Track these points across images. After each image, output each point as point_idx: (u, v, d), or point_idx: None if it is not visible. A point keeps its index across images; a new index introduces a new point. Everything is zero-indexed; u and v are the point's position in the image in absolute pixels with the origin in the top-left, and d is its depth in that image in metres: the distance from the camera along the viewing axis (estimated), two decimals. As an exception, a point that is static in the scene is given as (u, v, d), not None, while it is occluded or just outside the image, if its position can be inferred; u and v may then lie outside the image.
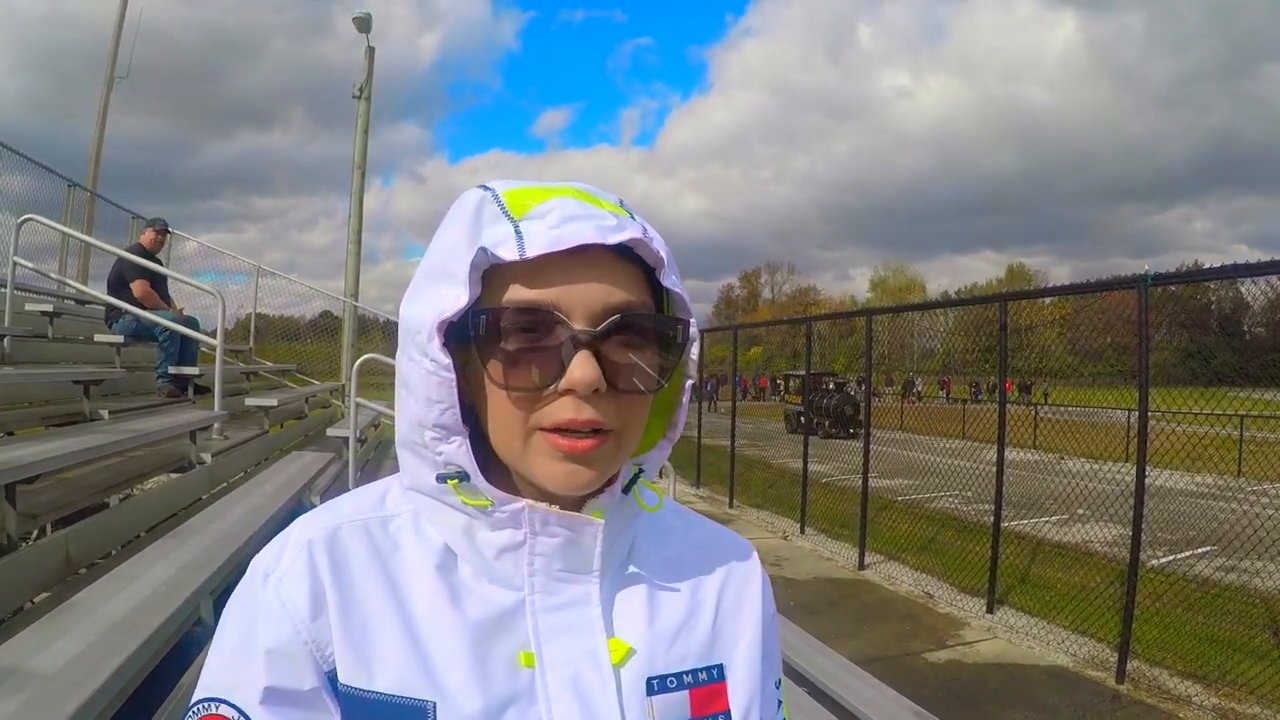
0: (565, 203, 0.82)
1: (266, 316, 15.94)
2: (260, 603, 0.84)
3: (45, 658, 2.39)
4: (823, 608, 8.39)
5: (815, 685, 4.72)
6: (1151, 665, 7.36)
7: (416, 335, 0.83)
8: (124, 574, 3.38)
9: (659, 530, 1.03)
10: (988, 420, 10.52)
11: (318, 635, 0.82)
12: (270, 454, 8.10)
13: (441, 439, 0.84)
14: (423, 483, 0.89)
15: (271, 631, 0.82)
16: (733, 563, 1.06)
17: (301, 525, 0.91)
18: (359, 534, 0.89)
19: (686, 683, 0.92)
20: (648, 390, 0.86)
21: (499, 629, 0.86)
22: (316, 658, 0.82)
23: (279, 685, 0.81)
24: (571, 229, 0.80)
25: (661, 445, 0.97)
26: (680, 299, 0.89)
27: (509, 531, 0.87)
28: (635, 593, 0.95)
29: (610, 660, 0.87)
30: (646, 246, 0.85)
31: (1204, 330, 15.07)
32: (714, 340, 26.35)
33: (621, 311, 0.82)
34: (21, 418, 6.37)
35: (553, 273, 0.80)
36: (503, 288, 0.82)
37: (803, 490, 13.66)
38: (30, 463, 3.76)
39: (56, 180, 13.20)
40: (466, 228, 0.82)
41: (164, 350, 8.91)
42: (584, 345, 0.80)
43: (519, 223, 0.80)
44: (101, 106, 18.00)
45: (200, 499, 5.73)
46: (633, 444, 0.89)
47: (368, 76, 16.55)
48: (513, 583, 0.88)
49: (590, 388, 0.79)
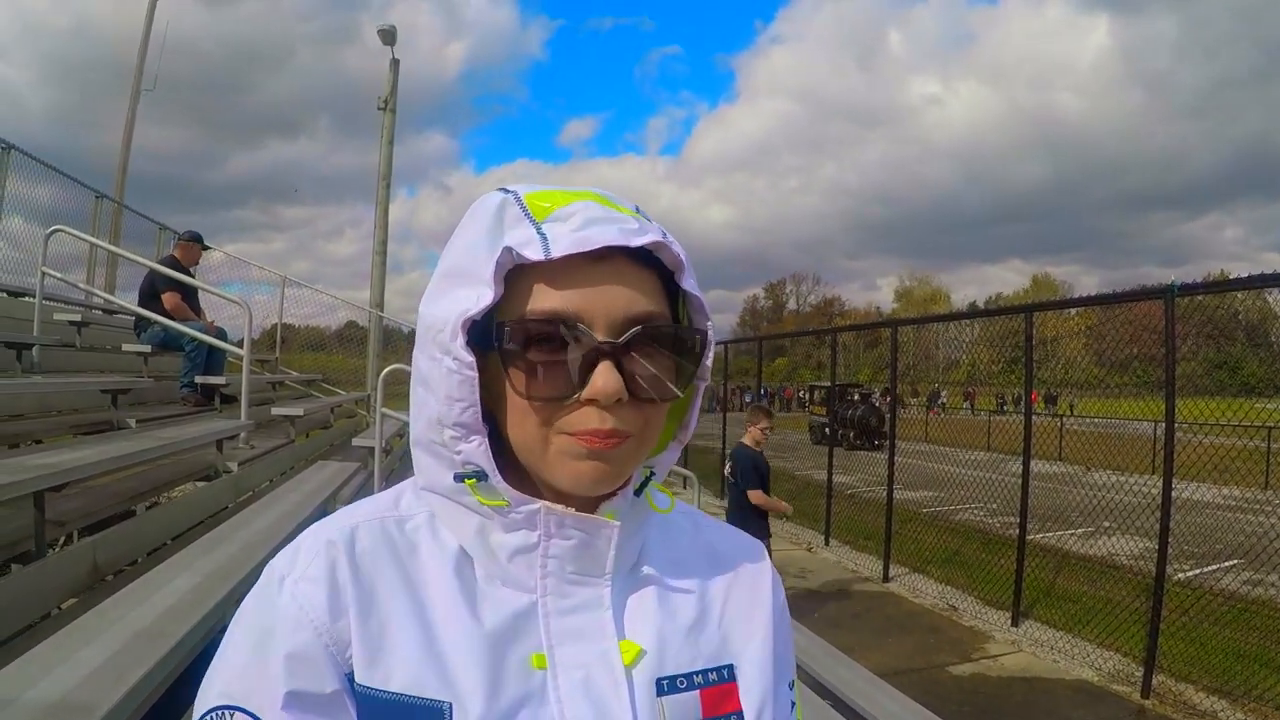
0: (587, 205, 0.84)
1: (292, 327, 16.02)
2: (278, 607, 0.84)
3: (71, 665, 2.40)
4: (847, 620, 8.36)
5: (839, 698, 4.71)
6: (1177, 680, 7.31)
7: (439, 334, 0.83)
8: (150, 582, 3.39)
9: (668, 531, 1.03)
10: (1012, 432, 10.47)
11: (338, 637, 0.82)
12: (296, 463, 8.12)
13: (461, 438, 0.85)
14: (439, 483, 0.89)
15: (290, 635, 0.82)
16: (743, 562, 1.06)
17: (316, 528, 0.91)
18: (376, 534, 0.90)
19: (697, 683, 0.91)
20: (667, 399, 0.86)
21: (512, 632, 0.86)
22: (337, 660, 0.82)
23: (301, 689, 0.80)
24: (596, 231, 0.81)
25: (672, 447, 0.98)
26: (698, 302, 0.90)
27: (522, 533, 0.87)
28: (646, 594, 0.95)
29: (622, 662, 0.87)
30: (667, 249, 0.86)
31: (1231, 341, 14.94)
32: (738, 351, 26.29)
33: (643, 322, 0.82)
34: (50, 426, 6.42)
35: (575, 277, 0.81)
36: (525, 290, 0.83)
37: (827, 502, 13.65)
38: (59, 471, 3.78)
39: (84, 191, 13.30)
40: (487, 229, 0.83)
41: (189, 360, 8.95)
42: (607, 356, 0.80)
43: (541, 225, 0.82)
44: (129, 118, 18.19)
45: (226, 507, 5.75)
46: (650, 447, 0.90)
47: (392, 88, 16.63)
48: (525, 585, 0.88)
49: (613, 398, 0.80)
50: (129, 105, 18.23)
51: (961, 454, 12.90)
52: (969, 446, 13.60)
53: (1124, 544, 9.53)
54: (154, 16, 18.41)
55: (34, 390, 6.43)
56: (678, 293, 0.91)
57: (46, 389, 6.59)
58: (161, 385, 8.87)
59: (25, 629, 3.22)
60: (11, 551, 3.75)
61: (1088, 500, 9.45)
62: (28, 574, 3.48)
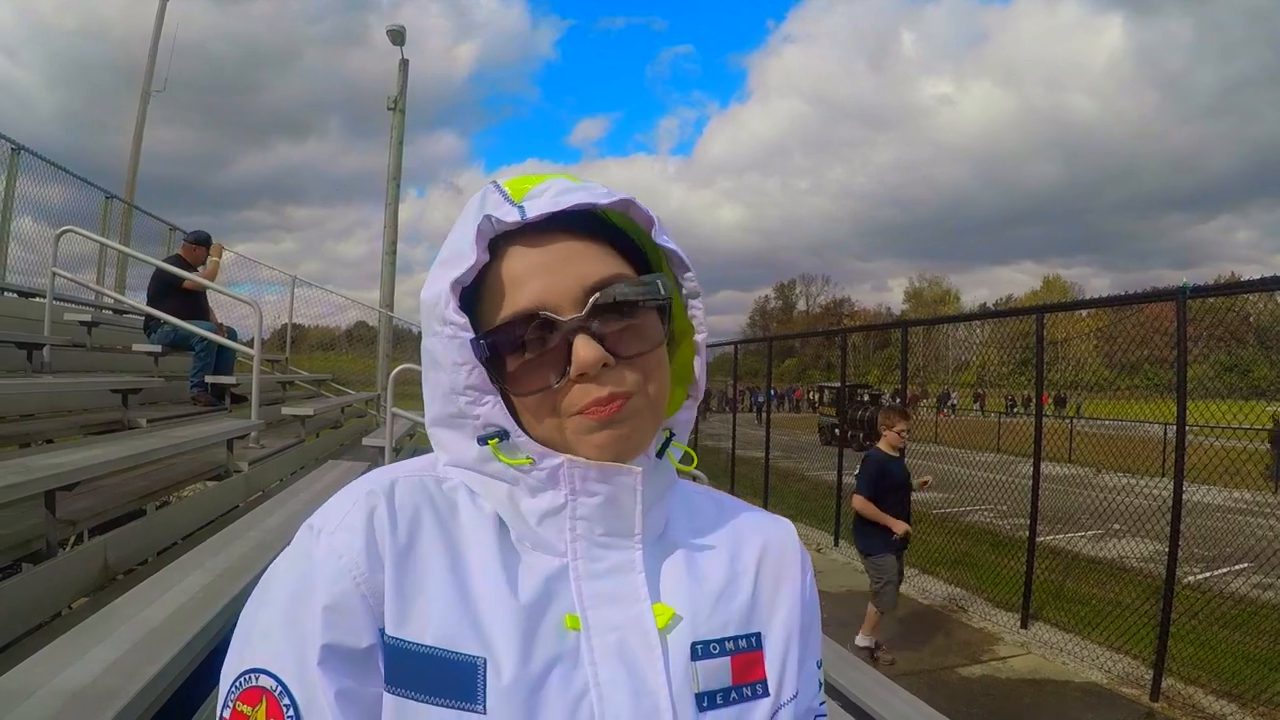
0: (560, 181, 0.90)
1: (302, 327, 16.06)
2: (314, 560, 0.84)
3: (83, 664, 2.41)
4: (856, 621, 8.32)
5: (850, 700, 4.69)
6: (1187, 684, 7.29)
7: (435, 308, 0.87)
8: (161, 581, 3.40)
9: (692, 508, 1.05)
10: (1022, 434, 10.45)
11: (375, 588, 0.83)
12: (306, 463, 8.14)
13: (475, 400, 0.87)
14: (463, 456, 0.92)
15: (329, 587, 0.82)
16: (771, 534, 1.07)
17: (357, 483, 0.92)
18: (416, 489, 0.92)
19: (729, 649, 0.93)
20: (652, 347, 0.89)
21: (546, 595, 0.87)
22: (375, 611, 0.82)
23: (336, 643, 0.80)
24: (567, 197, 0.86)
25: (687, 405, 1.00)
26: (676, 255, 0.94)
27: (549, 495, 0.89)
28: (676, 559, 0.96)
29: (656, 625, 0.89)
30: (638, 209, 0.90)
31: (1241, 343, 14.88)
32: (747, 352, 26.25)
33: (601, 287, 0.86)
34: (61, 426, 6.44)
35: (535, 260, 0.87)
36: (501, 256, 0.88)
37: (837, 503, 13.60)
38: (69, 470, 3.79)
39: (94, 192, 13.35)
40: (473, 216, 0.87)
41: (199, 359, 8.97)
42: (580, 330, 0.84)
43: (521, 204, 0.87)
44: (138, 119, 18.21)
45: (237, 507, 5.78)
46: (662, 398, 0.92)
47: (401, 89, 16.63)
48: (556, 549, 0.90)
49: (597, 365, 0.83)
50: (139, 106, 18.27)
51: (971, 455, 12.85)
52: (979, 448, 13.56)
53: (1134, 546, 9.50)
54: (164, 18, 18.45)
55: (45, 390, 6.46)
56: (655, 254, 0.97)
57: (57, 389, 6.61)
58: (172, 385, 8.90)
59: (36, 628, 3.23)
60: (23, 551, 3.77)
61: (1097, 502, 9.43)
62: (39, 573, 3.49)
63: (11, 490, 3.25)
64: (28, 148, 11.02)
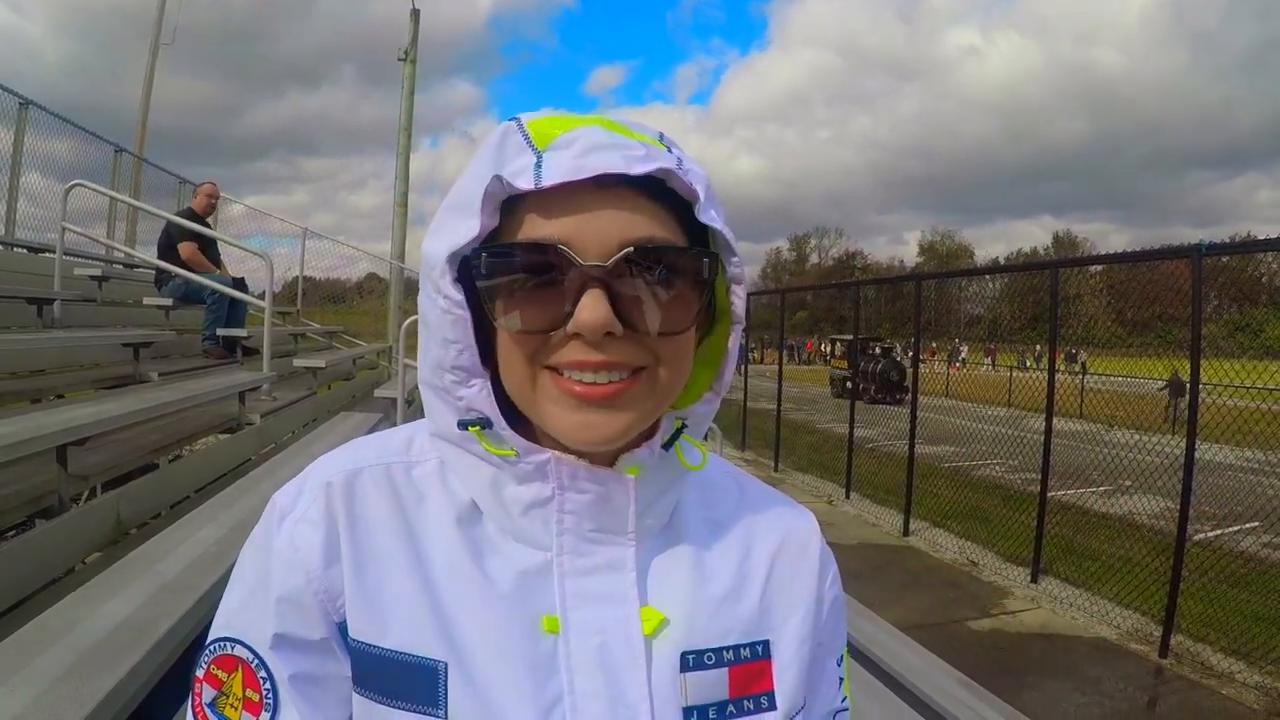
0: (591, 131, 0.76)
1: (314, 279, 16.04)
2: (274, 548, 0.83)
3: (97, 618, 2.42)
4: (867, 573, 8.37)
5: (860, 650, 4.71)
6: (1195, 641, 7.31)
7: (432, 270, 0.79)
8: (174, 535, 3.41)
9: (709, 491, 0.97)
10: (1034, 388, 10.42)
11: (329, 585, 0.81)
12: (319, 415, 8.17)
13: (461, 382, 0.81)
14: (447, 429, 0.85)
15: (283, 578, 0.81)
16: (790, 529, 0.99)
17: (322, 465, 0.88)
18: (380, 480, 0.86)
19: (726, 659, 0.86)
20: (672, 331, 0.78)
21: (523, 591, 0.82)
22: (328, 608, 0.81)
23: (288, 633, 0.80)
24: (594, 158, 0.74)
25: (707, 398, 0.90)
26: (724, 237, 0.81)
27: (537, 485, 0.83)
28: (677, 558, 0.89)
29: (642, 631, 0.82)
30: (678, 179, 0.77)
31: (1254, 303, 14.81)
32: (758, 304, 26.20)
33: (637, 245, 0.75)
34: (72, 381, 6.45)
35: (569, 205, 0.75)
36: (518, 221, 0.77)
37: (848, 455, 13.64)
38: (81, 425, 3.79)
39: (103, 146, 13.30)
40: (490, 159, 0.78)
41: (211, 313, 8.98)
42: (594, 282, 0.73)
43: (542, 152, 0.75)
44: (148, 72, 18.14)
45: (249, 459, 5.79)
46: (673, 386, 0.82)
47: (412, 39, 16.49)
48: (540, 542, 0.83)
49: (599, 331, 0.73)
50: (148, 59, 18.18)
51: (982, 410, 12.83)
52: (990, 402, 13.53)
53: (1144, 503, 9.49)
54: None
55: (56, 345, 6.46)
56: (705, 230, 0.82)
57: (68, 343, 6.62)
58: (183, 338, 8.90)
59: (51, 583, 3.24)
60: (35, 506, 3.78)
61: (1108, 459, 9.42)
62: (51, 529, 3.50)
63: (23, 446, 3.25)
64: (36, 102, 10.97)
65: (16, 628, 2.34)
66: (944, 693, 4.36)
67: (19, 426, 3.47)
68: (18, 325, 6.73)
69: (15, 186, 10.87)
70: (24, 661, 2.11)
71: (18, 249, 10.54)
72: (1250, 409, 8.38)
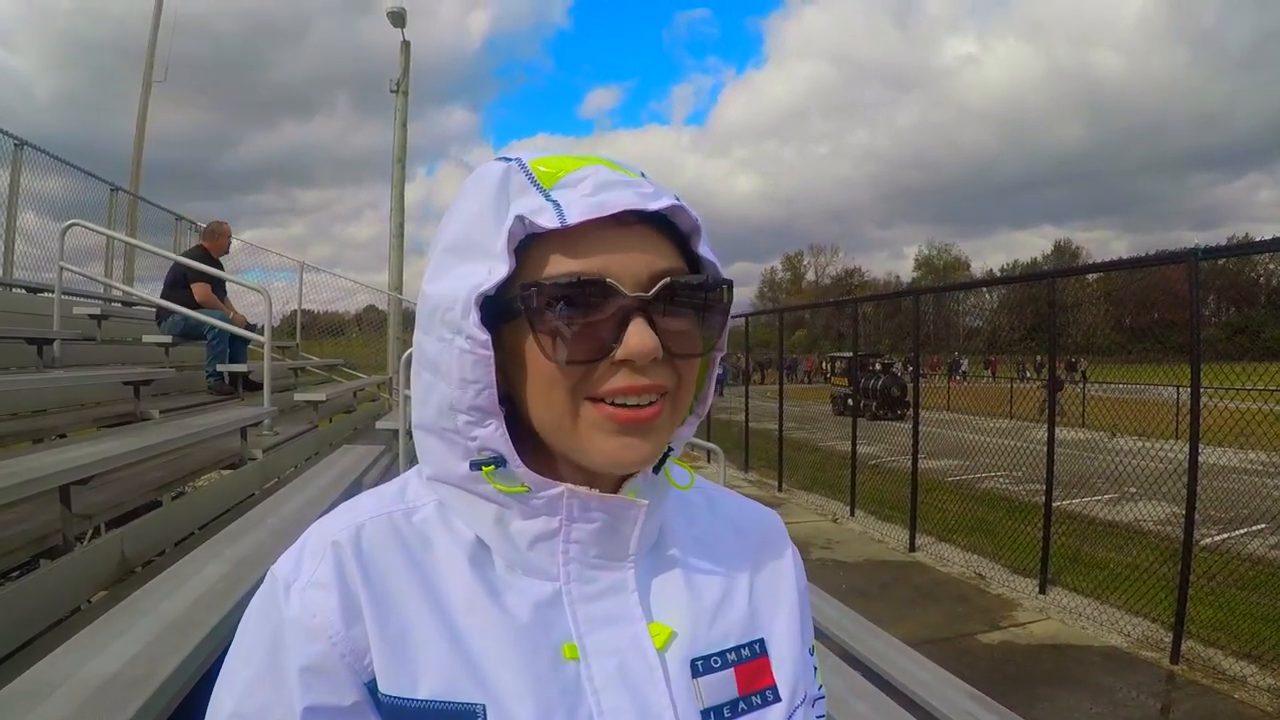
0: (597, 170, 0.80)
1: (312, 312, 16.06)
2: (287, 618, 0.80)
3: (105, 657, 2.41)
4: (875, 590, 8.35)
5: (870, 668, 4.70)
6: (1206, 646, 7.30)
7: (448, 313, 0.79)
8: (179, 572, 3.40)
9: (686, 509, 1.01)
10: (1035, 399, 10.43)
11: (355, 645, 0.79)
12: (321, 448, 8.15)
13: (476, 422, 0.80)
14: (451, 472, 0.85)
15: (304, 647, 0.78)
16: (765, 534, 1.06)
17: (320, 528, 0.87)
18: (384, 530, 0.86)
19: (730, 660, 0.90)
20: (699, 354, 0.84)
21: (541, 622, 0.83)
22: (355, 669, 0.78)
23: (318, 704, 0.77)
24: (612, 196, 0.78)
25: (690, 421, 0.92)
26: (713, 267, 0.86)
27: (543, 519, 0.84)
28: (670, 574, 0.93)
29: (654, 646, 0.85)
30: (684, 213, 0.83)
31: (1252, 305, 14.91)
32: (757, 324, 26.23)
33: (671, 275, 0.79)
34: (73, 420, 6.45)
35: (595, 242, 0.78)
36: (541, 259, 0.79)
37: (852, 473, 13.62)
38: (84, 464, 3.79)
39: (99, 184, 13.33)
40: (492, 199, 0.80)
41: (212, 349, 9.00)
42: (639, 312, 0.77)
43: (550, 192, 0.78)
44: (140, 110, 18.21)
45: (253, 495, 5.78)
46: (684, 407, 0.87)
47: (404, 71, 16.54)
48: (547, 573, 0.85)
49: (649, 356, 0.77)
50: (140, 97, 18.26)
51: (984, 422, 12.83)
52: (991, 414, 13.54)
53: (1150, 509, 9.48)
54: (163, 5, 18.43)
55: (56, 385, 6.46)
56: (695, 259, 0.87)
57: (68, 383, 6.61)
58: (184, 375, 8.92)
59: (56, 623, 3.23)
60: (40, 546, 3.77)
61: (1112, 466, 9.40)
62: (57, 568, 3.50)
63: (27, 486, 3.24)
64: (30, 143, 11.01)
65: (24, 669, 2.33)
66: (956, 708, 4.35)
67: (22, 467, 3.47)
68: (18, 366, 6.73)
69: (12, 227, 10.87)
70: (33, 704, 2.10)
71: (16, 289, 10.54)
72: (1251, 410, 8.38)
